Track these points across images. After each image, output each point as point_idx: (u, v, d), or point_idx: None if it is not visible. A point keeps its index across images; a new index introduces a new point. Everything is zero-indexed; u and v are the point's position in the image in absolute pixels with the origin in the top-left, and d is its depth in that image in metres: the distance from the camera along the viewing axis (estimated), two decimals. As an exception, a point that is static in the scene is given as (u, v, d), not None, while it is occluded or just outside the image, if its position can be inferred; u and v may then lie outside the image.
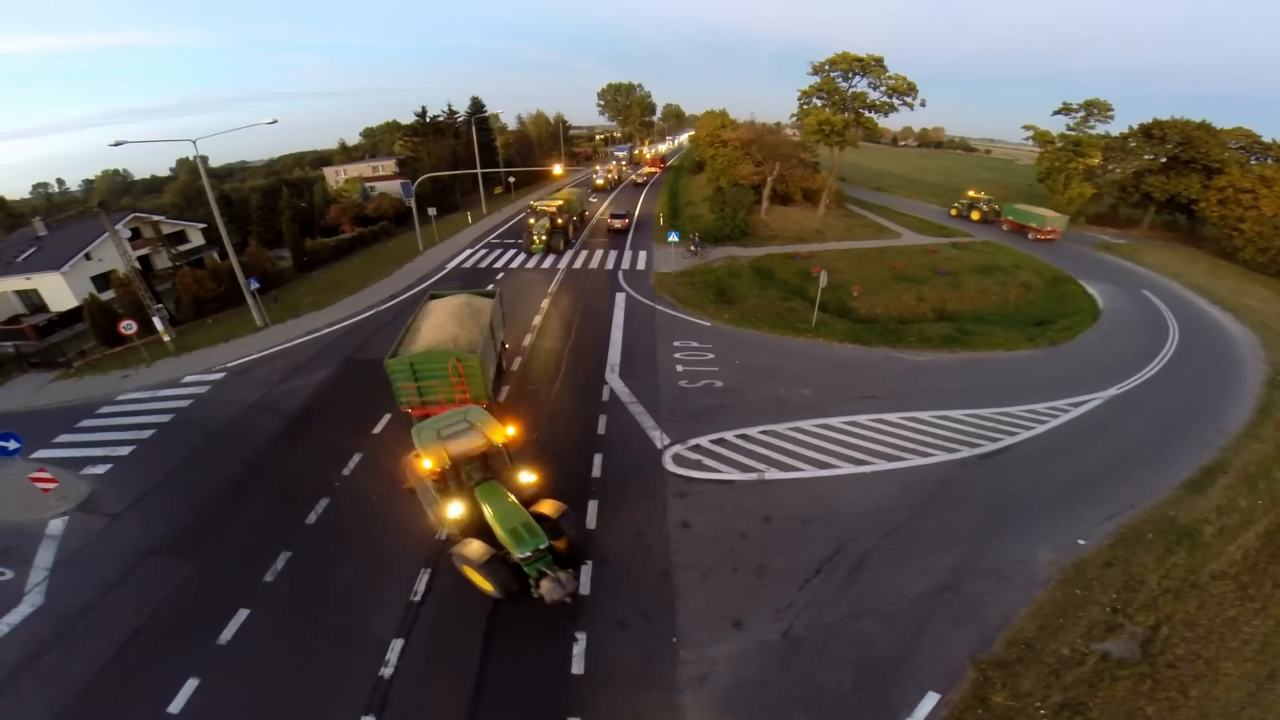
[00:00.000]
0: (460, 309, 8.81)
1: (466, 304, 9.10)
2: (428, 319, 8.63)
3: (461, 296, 9.47)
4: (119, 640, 5.42)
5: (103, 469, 7.94)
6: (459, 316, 8.55)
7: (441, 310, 8.83)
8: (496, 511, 5.92)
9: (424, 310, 9.21)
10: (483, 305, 9.39)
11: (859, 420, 9.18)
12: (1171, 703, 5.00)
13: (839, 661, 5.26)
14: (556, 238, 18.80)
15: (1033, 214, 23.63)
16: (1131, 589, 6.19)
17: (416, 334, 8.34)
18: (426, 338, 8.05)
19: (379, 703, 4.88)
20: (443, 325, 8.29)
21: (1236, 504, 7.71)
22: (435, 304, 9.39)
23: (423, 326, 8.50)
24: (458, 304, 9.03)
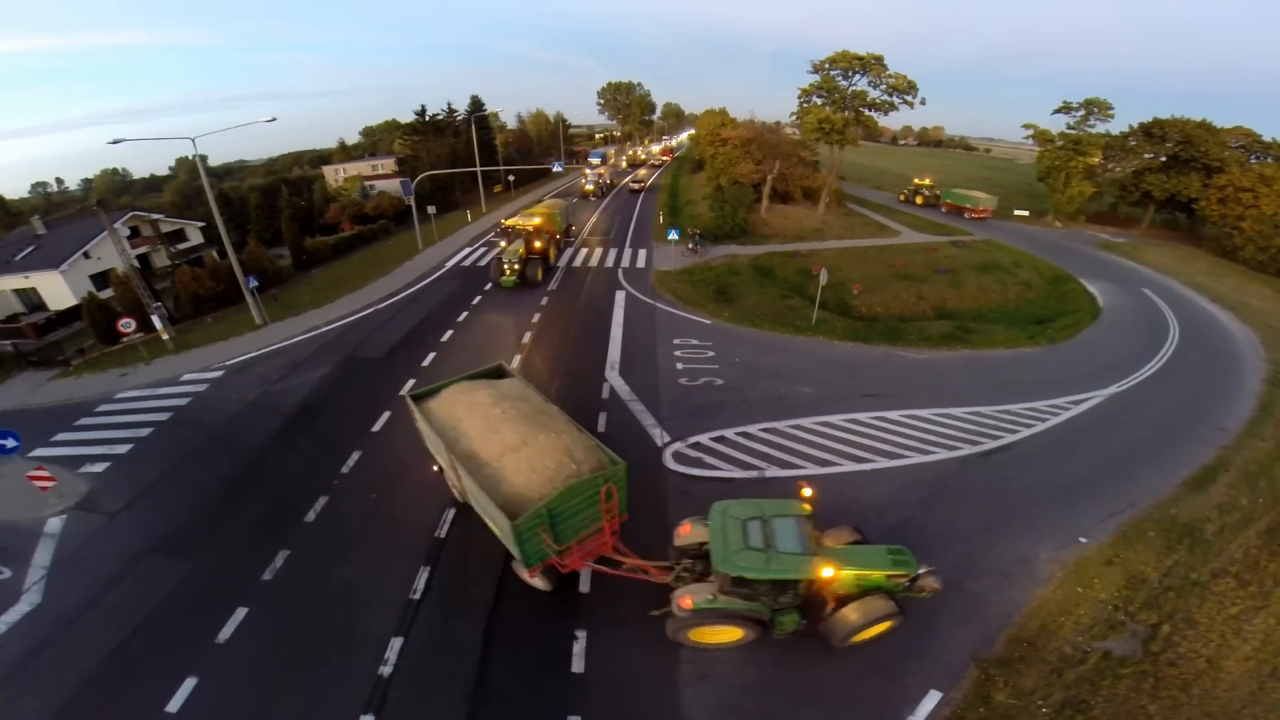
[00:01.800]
0: (506, 408, 5.75)
1: (501, 397, 5.96)
2: (472, 436, 5.53)
3: (481, 392, 6.07)
4: (117, 639, 5.39)
5: (101, 467, 7.91)
6: (516, 418, 5.61)
7: (478, 417, 5.69)
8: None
9: (441, 419, 5.90)
10: (521, 390, 6.46)
11: (859, 418, 9.16)
12: (1173, 701, 5.00)
13: (841, 660, 5.24)
14: (533, 267, 14.70)
15: (966, 196, 27.91)
16: (1133, 587, 6.18)
17: (486, 468, 5.28)
18: (526, 470, 5.18)
19: (378, 701, 4.85)
20: (523, 442, 5.39)
21: (1237, 502, 7.71)
22: (452, 407, 5.98)
23: (488, 454, 5.39)
24: (489, 403, 5.81)
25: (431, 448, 6.41)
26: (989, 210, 26.97)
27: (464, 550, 6.43)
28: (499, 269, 14.76)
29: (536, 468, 5.26)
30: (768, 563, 4.82)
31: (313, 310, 13.91)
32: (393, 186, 28.14)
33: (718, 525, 5.15)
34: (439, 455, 6.15)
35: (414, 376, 10.37)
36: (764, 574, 4.81)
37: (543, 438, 5.52)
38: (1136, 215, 29.58)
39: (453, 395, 6.29)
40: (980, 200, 26.99)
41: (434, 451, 6.36)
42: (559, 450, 5.41)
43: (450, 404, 6.17)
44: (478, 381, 6.58)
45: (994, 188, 39.64)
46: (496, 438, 5.54)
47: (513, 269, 14.51)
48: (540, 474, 5.21)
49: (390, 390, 9.82)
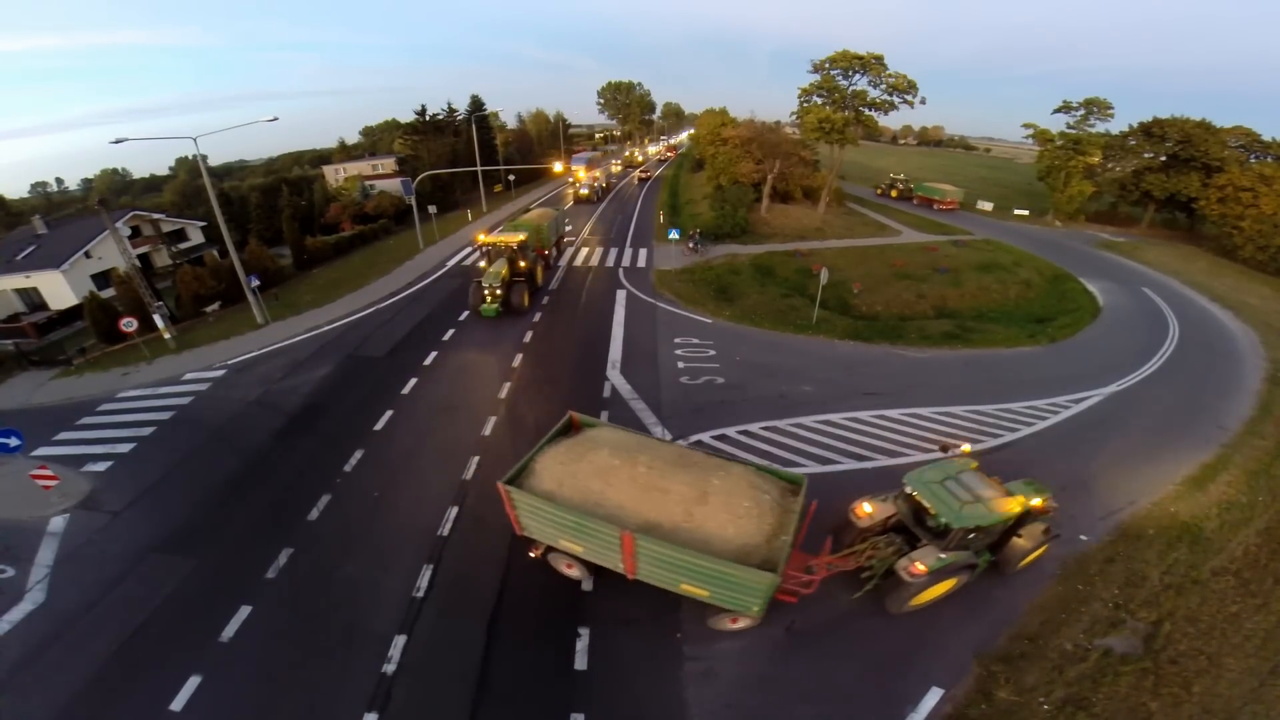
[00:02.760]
0: (645, 461, 5.23)
1: (626, 451, 5.40)
2: (632, 504, 4.98)
3: (597, 453, 5.37)
4: (121, 638, 5.40)
5: (103, 466, 7.92)
6: (665, 468, 5.17)
7: (623, 481, 5.12)
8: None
9: (568, 496, 5.18)
10: (631, 437, 5.94)
11: (860, 416, 9.17)
12: (1174, 698, 5.01)
13: (843, 657, 5.26)
14: (518, 291, 12.15)
15: (935, 189, 29.78)
16: (1133, 585, 6.20)
17: (679, 531, 4.81)
18: (728, 517, 4.81)
19: (382, 699, 4.86)
20: (701, 490, 4.94)
21: (1238, 500, 7.73)
22: (575, 480, 5.22)
23: (670, 516, 4.91)
24: (621, 462, 5.22)
25: (544, 532, 5.24)
26: (955, 202, 28.90)
27: (467, 548, 6.44)
28: (478, 295, 12.09)
29: (738, 511, 4.87)
30: (990, 509, 5.30)
31: (314, 309, 13.92)
32: (393, 186, 28.12)
33: (928, 493, 5.45)
34: (572, 537, 5.04)
35: (416, 376, 10.37)
36: (989, 519, 5.26)
37: (715, 479, 5.10)
38: (1136, 215, 29.62)
39: (559, 467, 5.29)
40: (947, 193, 29.01)
41: (549, 536, 5.22)
42: (743, 485, 5.08)
43: (567, 476, 5.19)
44: (578, 442, 5.61)
45: (994, 187, 39.91)
46: (667, 496, 4.96)
47: (494, 295, 11.90)
48: (746, 515, 4.84)
49: (392, 389, 9.83)
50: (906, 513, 5.70)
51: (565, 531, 5.15)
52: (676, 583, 4.96)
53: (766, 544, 4.77)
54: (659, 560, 4.85)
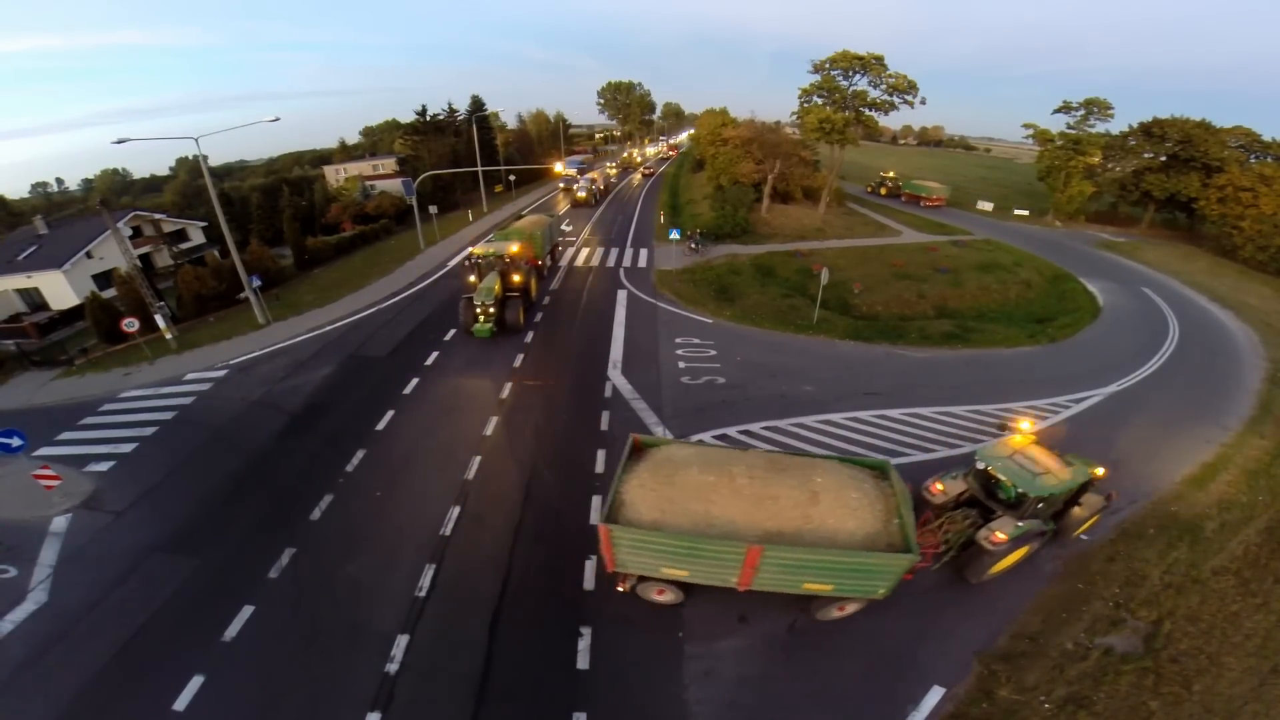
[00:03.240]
0: (742, 471, 5.20)
1: (717, 464, 5.30)
2: (744, 518, 4.89)
3: (687, 471, 5.21)
4: (123, 637, 5.41)
5: (105, 466, 7.93)
6: (764, 474, 5.16)
7: (725, 495, 5.03)
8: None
9: (674, 522, 4.95)
10: (713, 449, 5.91)
11: (861, 416, 9.19)
12: (1175, 697, 5.03)
13: (845, 656, 5.27)
14: (513, 309, 11.21)
15: (922, 186, 30.69)
16: (1134, 584, 6.21)
17: (805, 535, 4.79)
18: (846, 513, 4.89)
19: (384, 699, 4.88)
20: (811, 491, 4.98)
21: (1238, 500, 7.74)
22: (674, 504, 5.03)
23: (789, 521, 4.87)
24: (717, 477, 5.14)
25: (644, 565, 4.98)
26: (942, 199, 29.73)
27: (468, 548, 6.45)
28: (469, 314, 10.97)
29: (850, 504, 4.98)
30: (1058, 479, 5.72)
31: (315, 309, 13.94)
32: (394, 186, 28.13)
33: (1002, 466, 5.89)
34: (679, 563, 4.85)
35: (417, 376, 10.38)
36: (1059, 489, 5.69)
37: (817, 478, 5.17)
38: (1136, 215, 29.64)
39: (652, 494, 5.05)
40: (934, 190, 30.00)
41: (648, 567, 4.97)
42: (843, 479, 5.19)
43: (666, 503, 4.98)
44: (657, 465, 5.37)
45: (994, 187, 39.98)
46: (778, 503, 4.94)
47: (487, 313, 10.76)
48: (859, 506, 4.98)
49: (394, 389, 9.85)
50: (978, 487, 6.18)
51: (672, 559, 4.92)
52: (798, 584, 5.00)
53: (885, 529, 4.94)
54: (786, 566, 4.81)
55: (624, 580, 5.44)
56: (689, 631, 5.44)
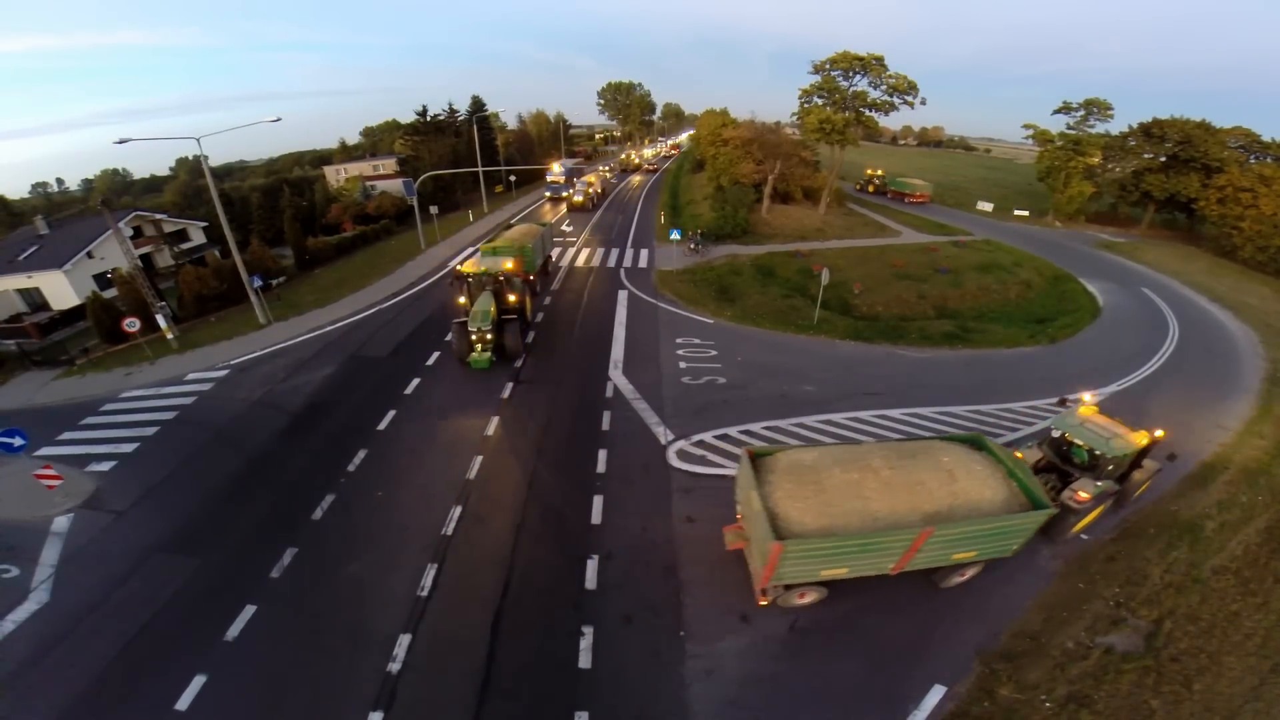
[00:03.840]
0: (868, 465, 5.32)
1: (842, 462, 5.35)
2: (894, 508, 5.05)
3: (830, 472, 5.22)
4: (125, 637, 5.42)
5: (107, 466, 7.94)
6: (895, 459, 5.38)
7: (876, 488, 5.14)
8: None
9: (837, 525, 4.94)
10: (830, 447, 5.80)
11: (862, 416, 9.20)
12: (1175, 696, 5.03)
13: (846, 655, 5.28)
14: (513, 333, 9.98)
15: (907, 184, 32.00)
16: (1134, 583, 6.23)
17: (955, 510, 5.09)
18: (984, 485, 5.23)
19: (387, 698, 4.88)
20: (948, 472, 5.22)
21: (1237, 499, 7.76)
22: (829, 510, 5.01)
23: (936, 503, 5.10)
24: (857, 476, 5.21)
25: (807, 572, 5.03)
26: (926, 196, 31.04)
27: (471, 547, 6.46)
28: (463, 342, 9.67)
29: (978, 476, 5.39)
30: (1128, 442, 6.36)
31: (316, 309, 13.94)
32: (394, 186, 28.11)
33: (1079, 433, 6.58)
34: (842, 562, 4.97)
35: (419, 376, 10.38)
36: (1130, 451, 6.34)
37: (943, 458, 5.49)
38: (1136, 215, 29.70)
39: (806, 504, 5.05)
40: (917, 187, 31.36)
41: (809, 573, 5.03)
42: (959, 455, 5.57)
43: (825, 507, 5.04)
44: (792, 473, 5.33)
45: (994, 188, 40.05)
46: (925, 486, 5.23)
47: (484, 340, 9.53)
48: (986, 475, 5.44)
49: (395, 389, 9.84)
50: (1053, 455, 6.83)
51: (839, 559, 5.02)
52: (949, 556, 5.40)
53: (1012, 493, 5.47)
54: (947, 541, 5.17)
55: (766, 595, 5.35)
56: (690, 631, 5.45)
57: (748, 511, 5.38)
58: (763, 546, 4.85)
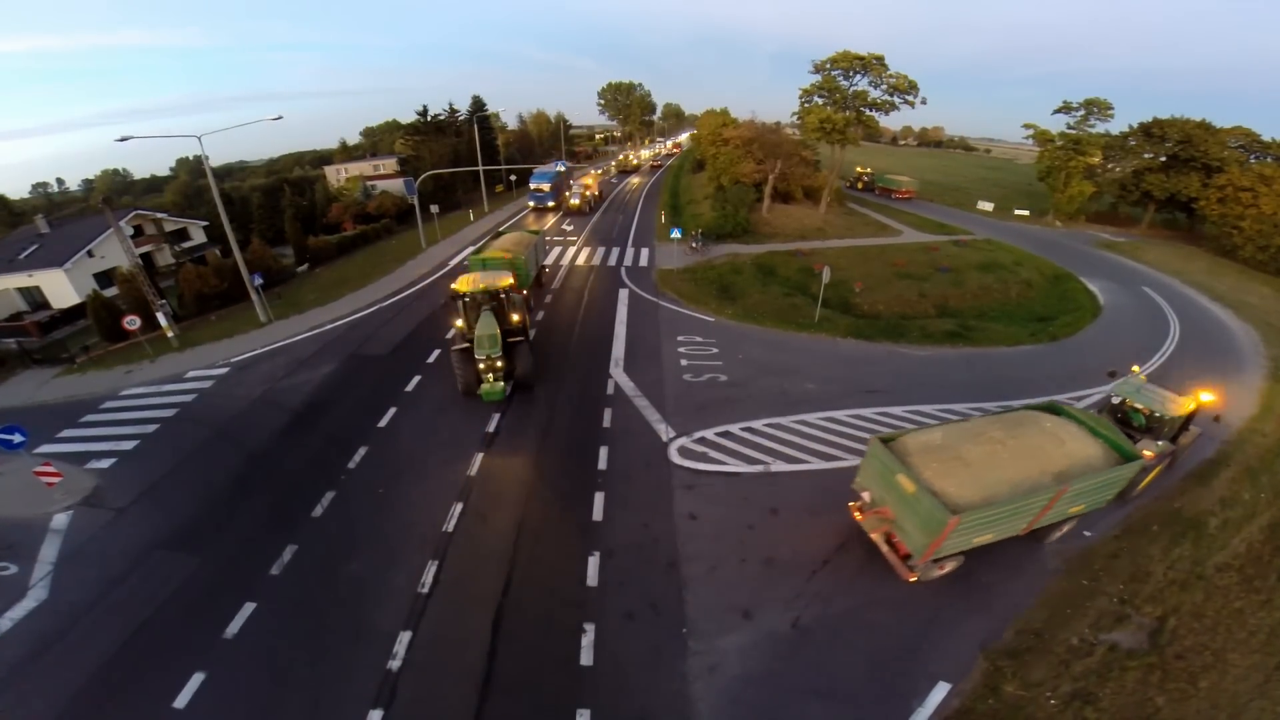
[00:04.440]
0: (982, 438, 5.76)
1: (964, 438, 5.79)
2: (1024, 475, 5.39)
3: (966, 445, 5.67)
4: (124, 635, 5.38)
5: (107, 463, 7.91)
6: (1010, 425, 5.90)
7: (1009, 456, 5.55)
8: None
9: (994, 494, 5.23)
10: (940, 426, 6.14)
11: (864, 414, 9.18)
12: (1181, 693, 5.00)
13: (850, 651, 5.25)
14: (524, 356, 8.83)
15: (894, 180, 33.59)
16: (1138, 580, 6.20)
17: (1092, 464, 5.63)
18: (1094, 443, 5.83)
19: (387, 696, 4.85)
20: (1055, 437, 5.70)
21: (1239, 497, 7.73)
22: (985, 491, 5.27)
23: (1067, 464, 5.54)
24: (984, 453, 5.55)
25: (964, 542, 5.33)
26: (912, 191, 32.77)
27: (471, 544, 6.44)
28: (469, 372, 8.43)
29: (1079, 436, 5.98)
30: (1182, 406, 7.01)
31: (317, 308, 13.92)
32: (395, 186, 28.15)
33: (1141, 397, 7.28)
34: (992, 528, 5.30)
35: (419, 374, 10.36)
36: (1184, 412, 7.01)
37: (1046, 424, 6.09)
38: (1136, 215, 29.69)
39: (957, 477, 5.35)
40: (903, 183, 33.07)
41: (962, 544, 5.31)
42: (1058, 420, 6.27)
43: (975, 479, 5.35)
44: (930, 452, 5.64)
45: (994, 188, 40.13)
46: (1044, 450, 5.72)
47: (495, 368, 8.30)
48: (1084, 436, 6.05)
49: (396, 387, 9.82)
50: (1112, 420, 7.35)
51: (993, 525, 5.39)
52: (1065, 512, 5.95)
53: (1105, 449, 6.07)
54: (1071, 497, 5.68)
55: (914, 572, 5.65)
56: (692, 628, 5.43)
57: (891, 495, 5.56)
58: (930, 523, 5.11)
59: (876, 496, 5.83)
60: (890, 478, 5.52)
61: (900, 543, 5.63)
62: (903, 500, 5.42)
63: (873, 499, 5.90)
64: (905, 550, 5.60)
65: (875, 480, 5.83)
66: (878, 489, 5.80)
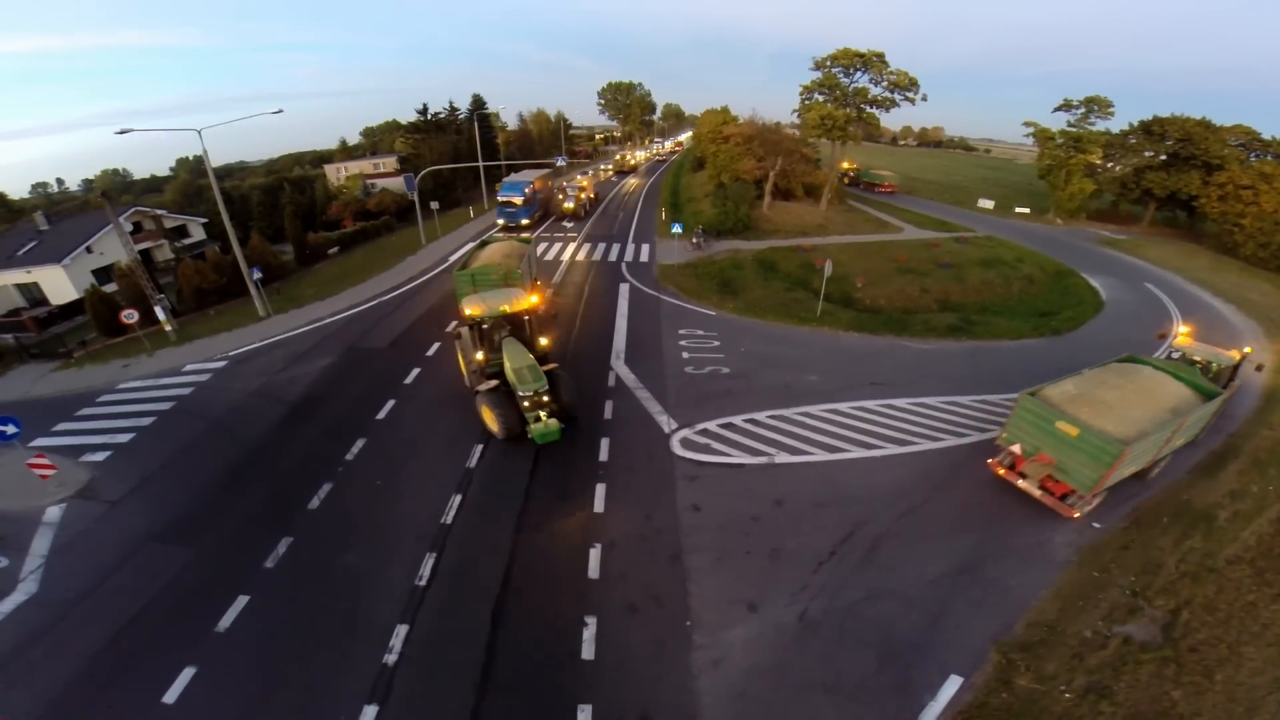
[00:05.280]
0: (1100, 388, 7.18)
1: (1101, 386, 7.16)
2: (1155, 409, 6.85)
3: (1102, 390, 7.12)
4: (113, 629, 5.26)
5: (102, 456, 7.81)
6: (1121, 372, 7.46)
7: (1136, 400, 7.01)
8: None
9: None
10: (1074, 378, 7.39)
11: (867, 405, 9.10)
12: (1197, 687, 4.90)
13: (858, 645, 5.14)
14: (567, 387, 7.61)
15: (876, 175, 35.81)
16: (1149, 572, 6.11)
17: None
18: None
19: (382, 691, 4.73)
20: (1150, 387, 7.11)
21: (1248, 489, 7.65)
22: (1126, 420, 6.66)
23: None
24: (1114, 400, 6.97)
25: (1139, 460, 6.55)
26: (894, 186, 34.80)
27: (471, 536, 6.33)
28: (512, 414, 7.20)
29: (1170, 381, 7.37)
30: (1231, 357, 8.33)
31: (316, 302, 13.84)
32: (395, 184, 28.15)
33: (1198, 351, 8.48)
34: (1146, 453, 6.50)
35: (418, 366, 10.28)
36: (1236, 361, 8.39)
37: (1145, 372, 7.52)
38: (1137, 213, 29.69)
39: (1110, 416, 6.40)
40: (886, 178, 35.38)
41: (1122, 471, 6.34)
42: (1149, 370, 7.52)
43: (1124, 416, 6.49)
44: (1074, 400, 6.69)
45: (994, 187, 40.26)
46: (1155, 393, 7.04)
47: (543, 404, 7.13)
48: (1174, 381, 7.36)
49: (395, 379, 9.73)
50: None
51: (1138, 457, 6.46)
52: (1174, 444, 7.07)
53: (1191, 390, 7.35)
54: (1184, 430, 6.93)
55: (1077, 507, 6.42)
56: (696, 620, 5.31)
57: (1049, 441, 6.45)
58: (1101, 457, 6.03)
59: (1030, 447, 6.58)
60: (1049, 426, 6.35)
61: (1056, 486, 6.49)
62: (1065, 444, 6.25)
63: (1026, 450, 6.63)
64: (1063, 490, 6.44)
65: (1029, 432, 6.62)
66: (1032, 439, 6.59)
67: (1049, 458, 6.36)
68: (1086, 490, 6.25)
